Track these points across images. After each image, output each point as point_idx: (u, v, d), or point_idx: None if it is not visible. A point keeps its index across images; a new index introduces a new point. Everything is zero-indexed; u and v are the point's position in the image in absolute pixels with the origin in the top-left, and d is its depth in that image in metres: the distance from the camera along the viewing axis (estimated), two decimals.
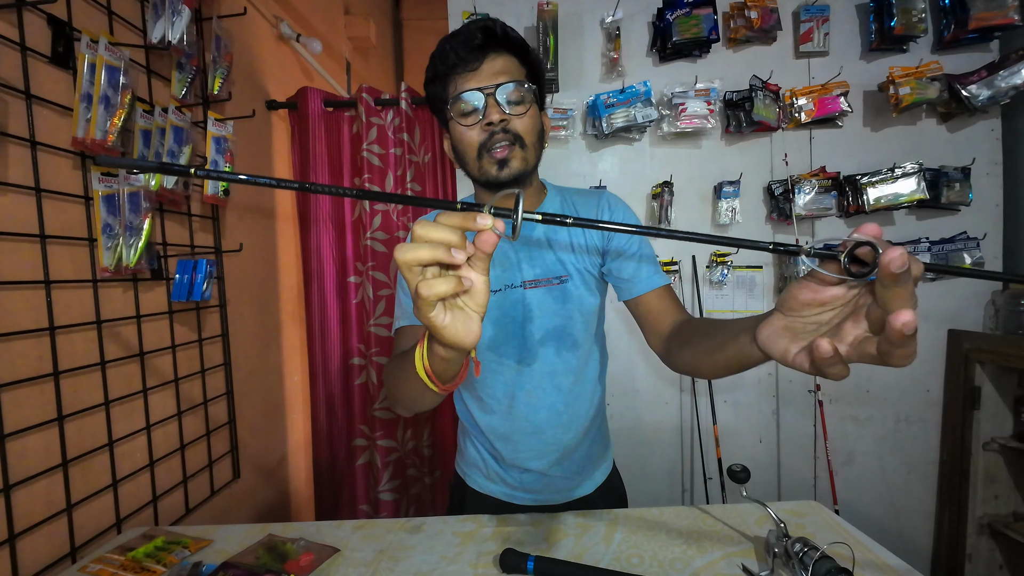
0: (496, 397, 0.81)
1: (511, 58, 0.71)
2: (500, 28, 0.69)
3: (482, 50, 0.68)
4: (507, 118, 0.69)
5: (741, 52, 1.46)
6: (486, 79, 0.68)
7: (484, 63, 0.69)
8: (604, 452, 0.92)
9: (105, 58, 0.81)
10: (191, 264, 1.01)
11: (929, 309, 1.46)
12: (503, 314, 0.79)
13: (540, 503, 0.87)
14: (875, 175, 1.40)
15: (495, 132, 0.69)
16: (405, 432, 1.56)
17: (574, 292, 0.79)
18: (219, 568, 0.66)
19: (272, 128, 1.50)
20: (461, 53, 0.68)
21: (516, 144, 0.70)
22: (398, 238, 1.52)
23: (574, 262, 0.79)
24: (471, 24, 0.69)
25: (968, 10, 1.32)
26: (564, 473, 0.85)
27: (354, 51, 2.41)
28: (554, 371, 0.80)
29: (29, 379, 0.73)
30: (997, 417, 1.40)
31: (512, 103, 0.69)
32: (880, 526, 1.51)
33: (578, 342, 0.81)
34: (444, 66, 0.70)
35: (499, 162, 0.70)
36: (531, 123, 0.71)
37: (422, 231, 0.38)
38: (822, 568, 0.55)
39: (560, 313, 0.79)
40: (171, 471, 1.02)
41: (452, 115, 0.71)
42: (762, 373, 1.49)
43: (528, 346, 0.79)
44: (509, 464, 0.84)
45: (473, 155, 0.71)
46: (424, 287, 0.37)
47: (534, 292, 0.78)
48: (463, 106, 0.69)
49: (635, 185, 1.48)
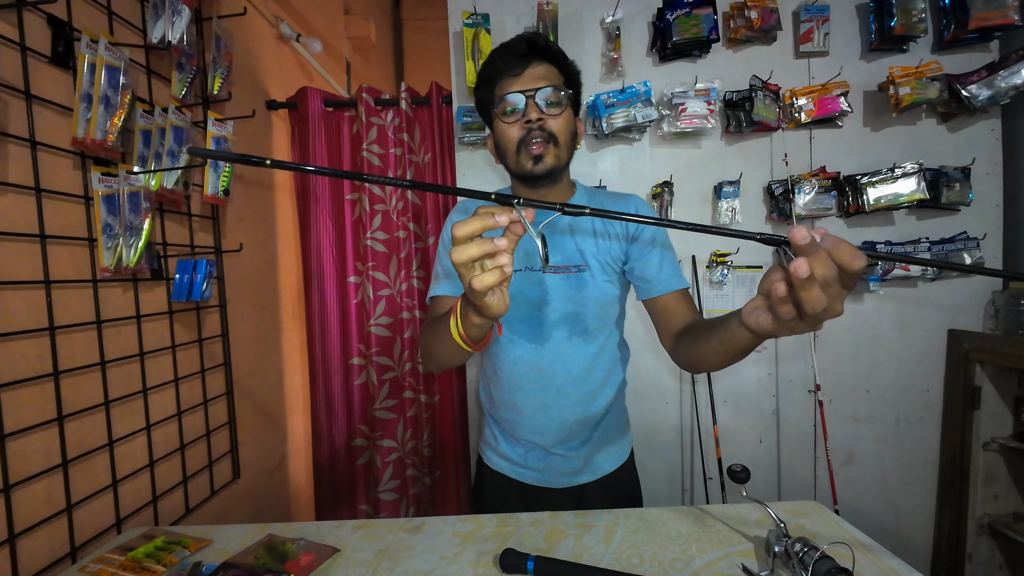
0: (508, 371, 0.89)
1: (551, 67, 0.80)
2: (543, 40, 0.79)
3: (526, 58, 0.78)
4: (544, 117, 0.77)
5: (741, 52, 1.46)
6: (527, 83, 0.78)
7: (527, 70, 0.78)
8: (614, 444, 0.95)
9: (105, 58, 0.81)
10: (191, 264, 1.01)
11: (929, 309, 1.46)
12: (521, 293, 0.85)
13: (543, 483, 0.92)
14: (875, 175, 1.40)
15: (532, 129, 0.77)
16: (405, 432, 1.56)
17: (590, 281, 0.85)
18: (219, 568, 0.66)
19: (272, 128, 1.50)
20: (507, 60, 0.78)
21: (550, 142, 0.79)
22: (398, 238, 1.52)
23: (595, 253, 0.85)
24: (519, 36, 0.79)
25: (968, 10, 1.31)
26: (567, 452, 0.90)
27: (354, 51, 2.41)
28: (564, 354, 0.86)
29: (29, 379, 0.73)
30: (997, 417, 1.40)
31: (550, 104, 0.78)
32: (880, 526, 1.51)
33: (590, 329, 0.86)
34: (492, 72, 0.80)
35: (534, 157, 0.79)
36: (565, 124, 0.79)
37: (468, 229, 0.45)
38: (822, 568, 0.55)
39: (575, 299, 0.85)
40: (171, 471, 1.02)
41: (496, 114, 0.80)
42: (762, 373, 1.50)
43: (543, 327, 0.86)
44: (516, 439, 0.92)
45: (512, 149, 0.80)
46: (477, 282, 0.46)
47: (552, 277, 0.85)
48: (506, 106, 0.78)
49: (635, 185, 1.48)
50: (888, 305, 1.47)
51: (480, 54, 1.36)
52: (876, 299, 1.46)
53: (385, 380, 1.53)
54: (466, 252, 0.45)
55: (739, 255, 1.47)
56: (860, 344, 1.48)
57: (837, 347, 1.48)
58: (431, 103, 1.53)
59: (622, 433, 0.97)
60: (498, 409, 0.93)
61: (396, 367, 1.54)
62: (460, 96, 1.46)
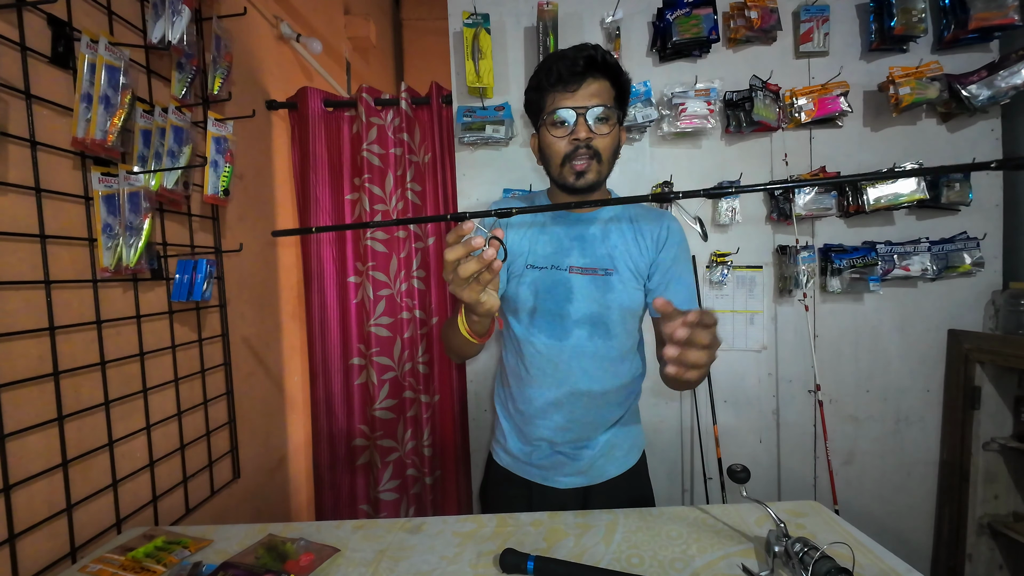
0: (526, 363, 0.91)
1: (605, 82, 0.81)
2: (601, 56, 0.80)
3: (582, 75, 0.79)
4: (592, 136, 0.80)
5: (741, 52, 1.46)
6: (581, 100, 0.80)
7: (582, 86, 0.80)
8: (622, 451, 0.95)
9: (105, 58, 0.81)
10: (191, 264, 1.01)
11: (929, 309, 1.46)
12: (545, 290, 0.88)
13: (547, 482, 0.93)
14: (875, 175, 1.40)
15: (580, 147, 0.80)
16: (405, 432, 1.56)
17: (617, 286, 0.87)
18: (219, 568, 0.66)
19: (272, 128, 1.50)
20: (564, 75, 0.79)
21: (594, 159, 0.82)
22: (398, 238, 1.52)
23: (625, 260, 0.88)
24: (578, 51, 0.79)
25: (968, 10, 1.31)
26: (573, 451, 0.91)
27: (354, 51, 2.41)
28: (583, 353, 0.88)
29: (29, 379, 0.73)
30: (997, 417, 1.40)
31: (599, 121, 0.81)
32: (880, 526, 1.51)
33: (611, 332, 0.88)
34: (547, 81, 0.81)
35: (577, 173, 0.82)
36: (611, 142, 0.83)
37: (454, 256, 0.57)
38: (822, 568, 0.55)
39: (599, 301, 0.87)
40: (171, 471, 1.02)
41: (545, 123, 0.83)
42: (762, 373, 1.49)
43: (564, 325, 0.87)
44: (525, 435, 0.94)
45: (557, 162, 0.83)
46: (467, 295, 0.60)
47: (579, 278, 0.87)
48: (557, 119, 0.81)
49: (635, 185, 1.48)
50: (888, 305, 1.47)
51: (480, 54, 1.36)
52: (876, 299, 1.46)
53: (385, 380, 1.53)
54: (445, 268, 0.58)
55: (739, 255, 1.47)
56: (860, 344, 1.48)
57: (837, 347, 1.48)
58: (431, 103, 1.53)
59: (632, 441, 0.97)
60: (513, 401, 0.95)
61: (396, 367, 1.54)
62: (460, 96, 1.46)
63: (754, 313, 1.48)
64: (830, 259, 1.43)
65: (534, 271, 0.90)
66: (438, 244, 1.57)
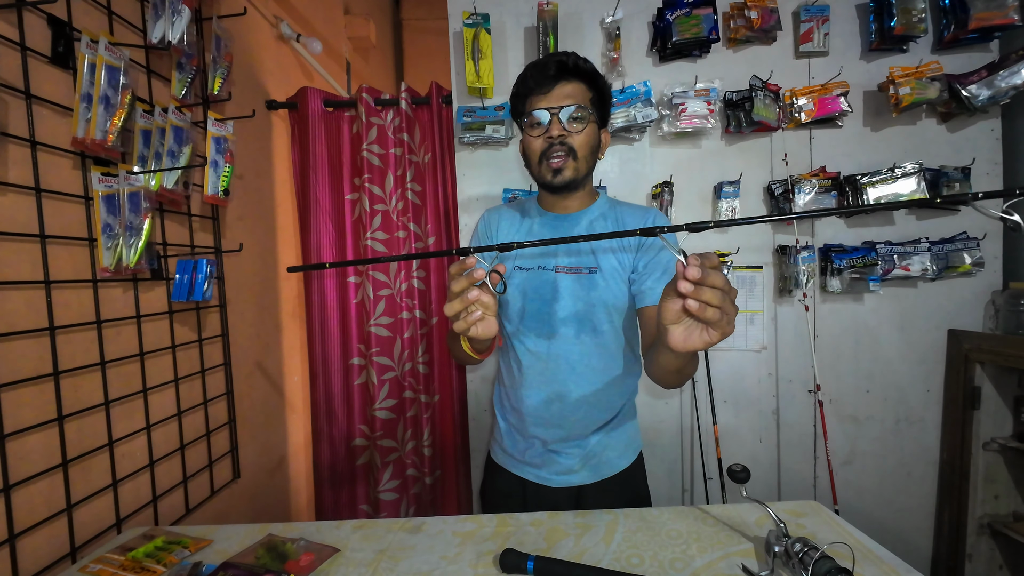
0: (516, 363, 0.94)
1: (580, 84, 0.86)
2: (572, 61, 0.84)
3: (555, 78, 0.84)
4: (565, 134, 0.84)
5: (741, 52, 1.46)
6: (554, 101, 0.84)
7: (555, 88, 0.84)
8: (616, 450, 0.95)
9: (105, 58, 0.81)
10: (191, 264, 1.01)
11: (929, 309, 1.46)
12: (533, 290, 0.91)
13: (541, 480, 0.94)
14: (875, 175, 1.40)
15: (554, 144, 0.84)
16: (405, 432, 1.56)
17: (601, 283, 0.88)
18: (219, 568, 0.66)
19: (272, 128, 1.50)
20: (537, 79, 0.85)
21: (570, 156, 0.85)
22: (398, 238, 1.52)
23: (607, 258, 0.90)
24: (551, 57, 0.85)
25: (968, 10, 1.31)
26: (565, 449, 0.92)
27: (354, 51, 2.41)
28: (570, 351, 0.89)
29: (29, 379, 0.73)
30: (997, 417, 1.40)
31: (573, 120, 0.84)
32: (880, 526, 1.51)
33: (599, 330, 0.89)
34: (524, 88, 0.87)
35: (554, 170, 0.86)
36: (586, 139, 0.86)
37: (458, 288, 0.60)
38: (822, 568, 0.55)
39: (585, 299, 0.89)
40: (171, 471, 1.02)
41: (524, 126, 0.88)
42: (762, 373, 1.49)
43: (552, 323, 0.90)
44: (520, 434, 0.96)
45: (535, 160, 0.88)
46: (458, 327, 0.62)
47: (565, 277, 0.90)
48: (533, 120, 0.86)
49: (635, 185, 1.48)
50: (888, 305, 1.47)
51: (480, 54, 1.36)
52: (876, 299, 1.46)
53: (385, 380, 1.53)
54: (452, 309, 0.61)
55: (739, 255, 1.47)
56: (860, 344, 1.48)
57: (837, 347, 1.48)
58: (431, 103, 1.53)
59: (627, 442, 0.97)
60: (508, 400, 0.98)
61: (396, 367, 1.54)
62: (460, 96, 1.46)
63: (754, 313, 1.48)
64: (830, 259, 1.43)
65: (522, 272, 0.92)
66: (438, 244, 1.57)
